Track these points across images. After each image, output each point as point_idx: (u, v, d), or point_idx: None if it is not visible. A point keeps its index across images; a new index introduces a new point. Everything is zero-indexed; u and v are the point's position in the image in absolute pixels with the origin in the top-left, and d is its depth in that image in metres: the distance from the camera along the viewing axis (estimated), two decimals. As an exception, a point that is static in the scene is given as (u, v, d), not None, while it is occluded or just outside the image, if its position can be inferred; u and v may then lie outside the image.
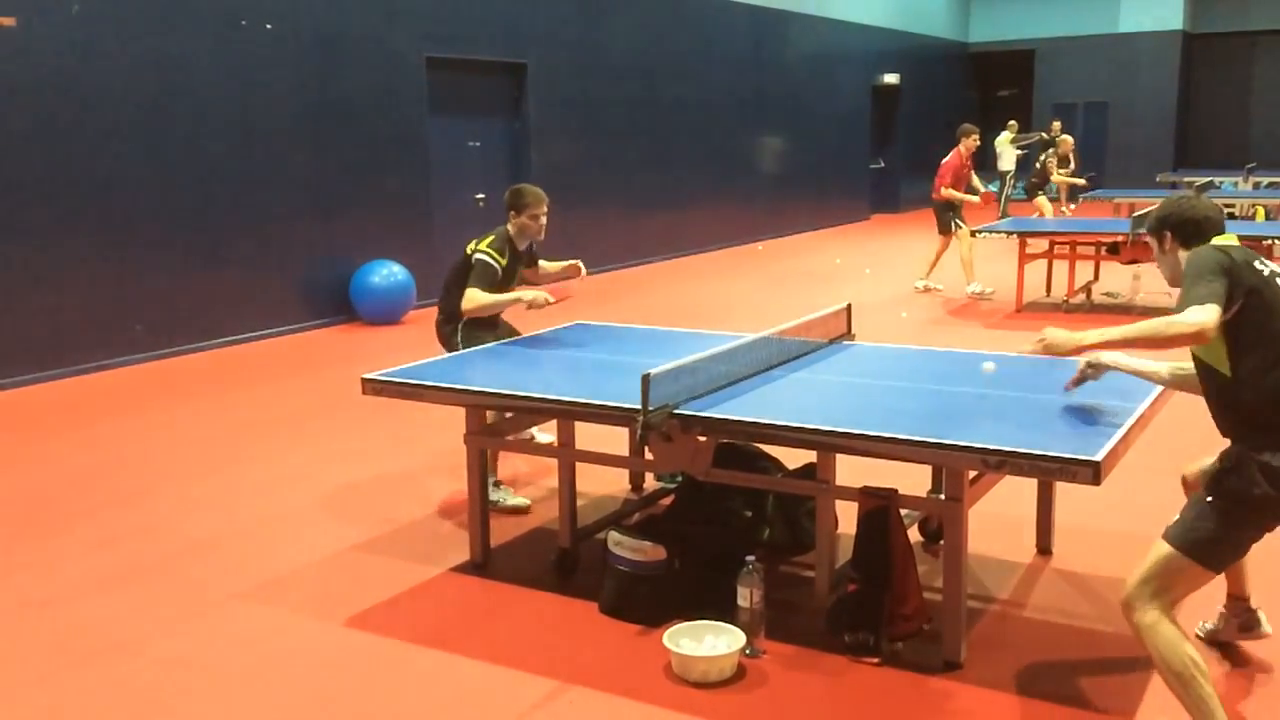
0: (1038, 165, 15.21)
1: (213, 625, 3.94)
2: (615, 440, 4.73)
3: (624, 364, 4.41)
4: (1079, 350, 3.29)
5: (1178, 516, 2.97)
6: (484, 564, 4.38)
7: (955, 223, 11.21)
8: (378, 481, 5.54)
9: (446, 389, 4.14)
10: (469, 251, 5.23)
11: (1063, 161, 15.42)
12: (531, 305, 5.13)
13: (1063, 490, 4.44)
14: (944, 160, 11.33)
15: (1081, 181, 15.81)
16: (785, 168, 17.40)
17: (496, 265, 5.13)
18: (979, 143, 11.42)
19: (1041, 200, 14.74)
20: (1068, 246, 10.21)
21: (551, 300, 5.17)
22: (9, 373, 7.68)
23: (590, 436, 4.41)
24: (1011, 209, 17.54)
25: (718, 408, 3.66)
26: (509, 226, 5.28)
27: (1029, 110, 23.17)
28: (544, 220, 5.27)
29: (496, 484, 5.06)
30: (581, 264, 5.64)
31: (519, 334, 5.46)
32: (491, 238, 5.24)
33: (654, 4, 13.96)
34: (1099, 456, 3.04)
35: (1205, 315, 2.80)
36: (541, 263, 5.58)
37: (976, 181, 11.54)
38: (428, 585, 4.24)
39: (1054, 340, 3.31)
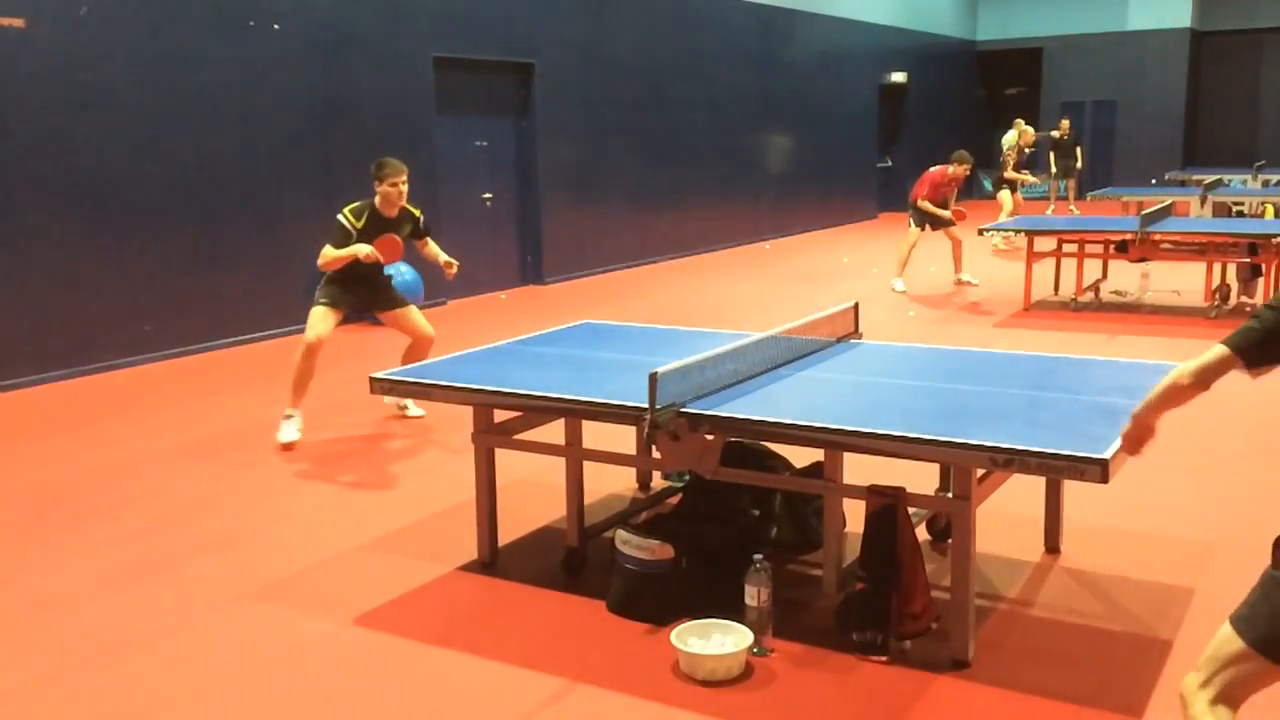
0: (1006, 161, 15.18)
1: (221, 624, 3.95)
2: (623, 439, 4.73)
3: (631, 363, 4.42)
4: None
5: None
6: (491, 563, 4.38)
7: (911, 221, 11.40)
8: (385, 480, 5.55)
9: (454, 388, 4.15)
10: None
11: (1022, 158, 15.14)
12: (365, 258, 5.98)
13: (1071, 488, 4.43)
14: (930, 170, 11.48)
15: (1032, 179, 15.63)
16: (792, 167, 17.38)
17: (350, 227, 6.06)
18: (968, 174, 11.51)
19: (1004, 195, 14.73)
20: (1076, 245, 10.19)
21: (378, 257, 6.02)
22: (18, 372, 7.70)
23: (598, 435, 4.41)
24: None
25: (725, 406, 3.66)
26: (375, 196, 6.12)
27: (1037, 109, 23.08)
28: (403, 188, 6.10)
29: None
30: (455, 268, 6.37)
31: (384, 290, 6.40)
32: (355, 205, 6.13)
33: (661, 3, 13.96)
34: (1107, 454, 3.04)
35: None
36: (430, 243, 6.47)
37: (950, 205, 11.66)
38: (435, 584, 4.25)
39: None
